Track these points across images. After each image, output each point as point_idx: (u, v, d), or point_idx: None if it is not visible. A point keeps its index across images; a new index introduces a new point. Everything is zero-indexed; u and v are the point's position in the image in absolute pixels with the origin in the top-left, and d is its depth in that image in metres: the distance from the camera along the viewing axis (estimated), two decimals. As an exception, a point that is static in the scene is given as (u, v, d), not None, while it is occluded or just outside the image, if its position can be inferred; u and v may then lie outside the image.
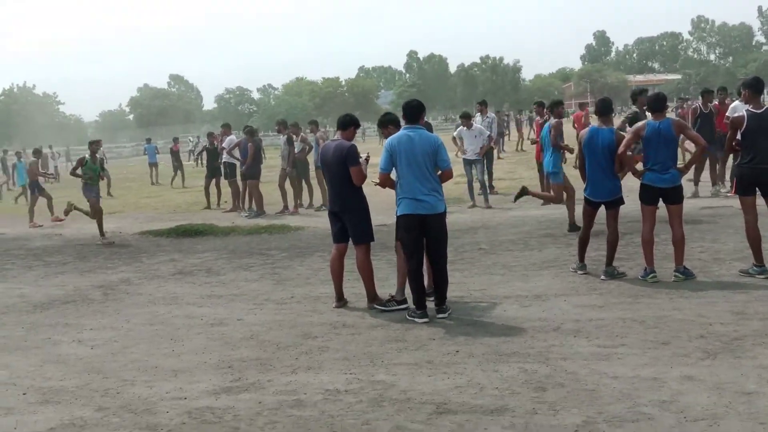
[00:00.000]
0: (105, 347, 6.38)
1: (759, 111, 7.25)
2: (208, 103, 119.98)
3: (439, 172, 6.66)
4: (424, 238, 6.64)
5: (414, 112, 6.75)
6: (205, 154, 18.97)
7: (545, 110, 12.83)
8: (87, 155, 13.34)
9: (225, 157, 16.65)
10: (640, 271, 7.48)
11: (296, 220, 13.99)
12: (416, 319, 6.52)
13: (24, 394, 5.25)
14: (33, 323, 7.44)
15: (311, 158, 15.72)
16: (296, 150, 15.85)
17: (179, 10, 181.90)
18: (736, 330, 5.55)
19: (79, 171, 13.18)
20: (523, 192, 9.43)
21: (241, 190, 16.17)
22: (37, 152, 18.87)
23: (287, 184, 15.69)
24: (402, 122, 6.83)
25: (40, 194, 16.61)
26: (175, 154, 25.12)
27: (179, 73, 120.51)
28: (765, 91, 9.19)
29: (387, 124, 7.20)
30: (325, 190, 13.39)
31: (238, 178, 16.22)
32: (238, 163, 16.17)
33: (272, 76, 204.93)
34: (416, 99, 7.23)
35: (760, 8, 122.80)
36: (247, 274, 9.26)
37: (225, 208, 16.80)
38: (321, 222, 12.64)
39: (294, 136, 16.07)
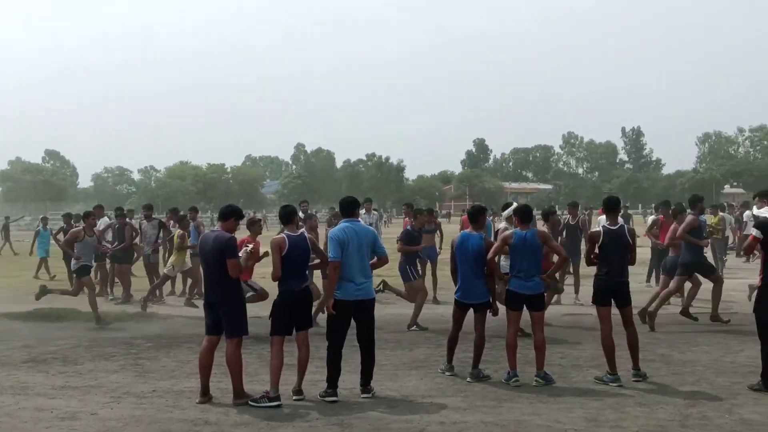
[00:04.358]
0: (-63, 442, 5.84)
1: (614, 227, 7.86)
2: (85, 181, 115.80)
3: (375, 259, 7.48)
4: (355, 322, 7.26)
5: (352, 207, 7.51)
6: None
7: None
8: None
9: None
10: (503, 374, 7.72)
11: (166, 308, 13.52)
12: (327, 399, 7.01)
13: None
14: None
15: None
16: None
17: (56, 86, 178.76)
18: (589, 436, 5.81)
19: None
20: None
21: (110, 274, 15.54)
22: None
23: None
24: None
25: None
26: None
27: (56, 149, 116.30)
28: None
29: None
30: (201, 279, 13.11)
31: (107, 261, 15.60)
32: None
33: (155, 158, 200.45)
34: (352, 195, 8.02)
35: (623, 129, 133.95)
36: (107, 365, 8.80)
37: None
38: (193, 311, 12.30)
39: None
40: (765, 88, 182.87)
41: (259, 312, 9.94)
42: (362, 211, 16.17)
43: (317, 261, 7.69)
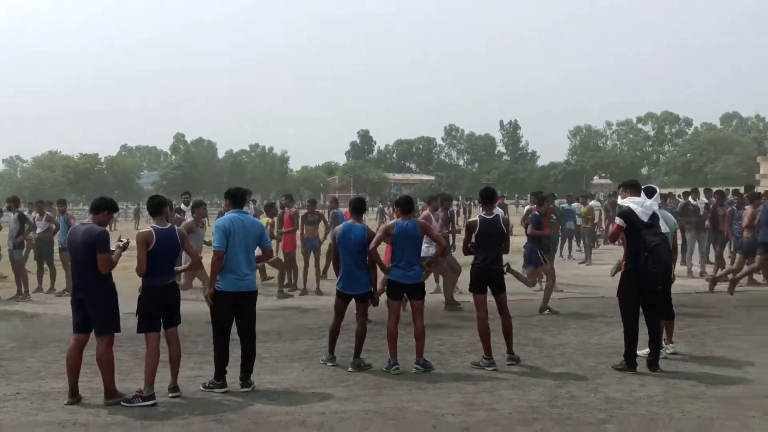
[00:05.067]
0: None
1: (489, 217, 8.10)
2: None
3: (260, 252, 7.48)
4: (235, 313, 7.17)
5: (241, 197, 7.46)
6: None
7: None
8: None
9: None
10: (384, 363, 7.82)
11: (31, 306, 12.78)
12: (216, 390, 6.99)
13: None
14: None
15: (57, 239, 14.64)
16: (41, 229, 14.70)
17: None
18: (465, 420, 5.99)
19: None
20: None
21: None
22: None
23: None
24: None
25: None
26: None
27: None
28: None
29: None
30: (69, 274, 12.46)
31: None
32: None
33: (21, 148, 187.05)
34: (244, 187, 8.08)
35: (501, 122, 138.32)
36: (-34, 368, 8.21)
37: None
38: (61, 309, 11.70)
39: (38, 214, 14.89)
40: (630, 85, 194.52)
41: (132, 308, 9.55)
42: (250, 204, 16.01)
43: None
